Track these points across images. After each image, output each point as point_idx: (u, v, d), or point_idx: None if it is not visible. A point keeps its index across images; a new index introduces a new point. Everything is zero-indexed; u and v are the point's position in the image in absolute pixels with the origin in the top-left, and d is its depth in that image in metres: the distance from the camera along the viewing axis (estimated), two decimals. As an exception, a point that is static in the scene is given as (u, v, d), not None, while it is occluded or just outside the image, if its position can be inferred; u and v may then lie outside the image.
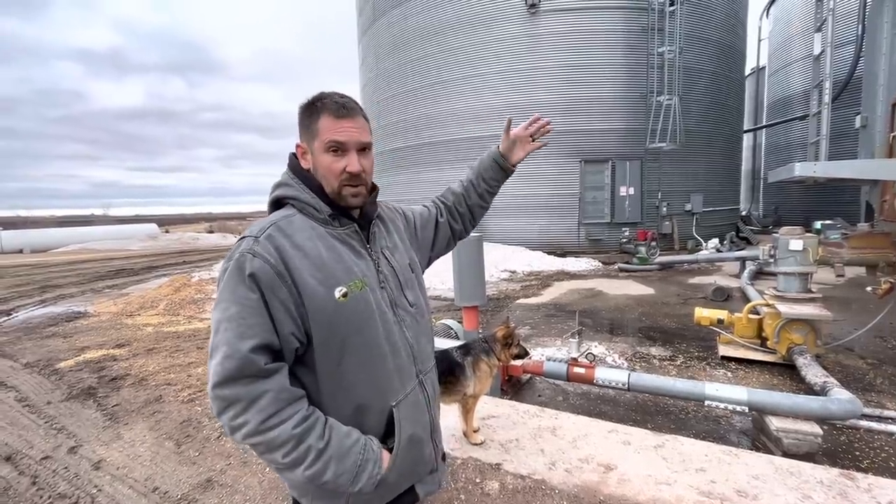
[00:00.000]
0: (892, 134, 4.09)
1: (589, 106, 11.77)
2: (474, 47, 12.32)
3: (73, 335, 6.15)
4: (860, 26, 10.05)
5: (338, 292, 0.95)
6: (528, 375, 3.92)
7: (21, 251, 23.16)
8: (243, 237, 0.95)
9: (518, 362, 3.32)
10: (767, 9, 19.28)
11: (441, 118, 13.10)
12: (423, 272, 1.30)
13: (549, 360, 3.55)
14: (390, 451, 1.01)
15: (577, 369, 3.32)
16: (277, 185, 1.05)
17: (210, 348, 0.90)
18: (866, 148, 4.67)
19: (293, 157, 1.07)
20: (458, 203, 1.37)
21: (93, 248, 23.30)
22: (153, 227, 32.60)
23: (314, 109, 1.00)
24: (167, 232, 32.51)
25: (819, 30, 4.46)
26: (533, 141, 1.37)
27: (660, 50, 11.35)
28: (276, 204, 1.05)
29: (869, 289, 4.06)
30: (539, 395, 3.75)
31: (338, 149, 0.99)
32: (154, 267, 14.55)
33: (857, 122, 4.77)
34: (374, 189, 1.11)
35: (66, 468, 2.86)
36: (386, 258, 1.10)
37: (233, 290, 0.90)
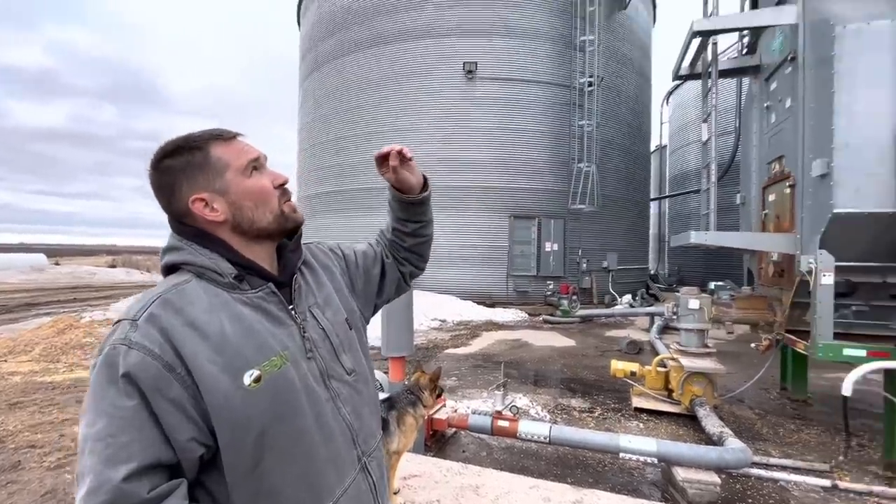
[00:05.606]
0: (763, 212, 4.82)
1: (519, 166, 12.64)
2: (412, 102, 12.85)
3: None
4: (738, 120, 12.04)
5: (248, 377, 0.75)
6: (453, 430, 3.84)
7: None
8: (118, 321, 0.74)
9: (442, 414, 3.24)
10: (668, 97, 22.48)
11: (374, 165, 13.22)
12: (367, 322, 1.11)
13: (474, 413, 3.52)
14: None
15: (500, 423, 3.31)
16: (165, 251, 0.84)
17: (76, 474, 0.68)
18: (746, 221, 5.45)
19: (175, 223, 0.85)
20: (400, 241, 1.16)
21: (-44, 279, 19.77)
22: (40, 257, 28.51)
23: (194, 150, 0.82)
24: (57, 264, 28.61)
25: (705, 121, 5.26)
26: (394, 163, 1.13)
27: (580, 123, 12.67)
28: (170, 270, 0.84)
29: (753, 345, 4.59)
30: (463, 451, 3.66)
31: (257, 167, 0.86)
32: (34, 304, 12.63)
33: (738, 199, 5.59)
34: (296, 229, 0.93)
35: None
36: (315, 318, 0.91)
37: (100, 396, 0.68)
